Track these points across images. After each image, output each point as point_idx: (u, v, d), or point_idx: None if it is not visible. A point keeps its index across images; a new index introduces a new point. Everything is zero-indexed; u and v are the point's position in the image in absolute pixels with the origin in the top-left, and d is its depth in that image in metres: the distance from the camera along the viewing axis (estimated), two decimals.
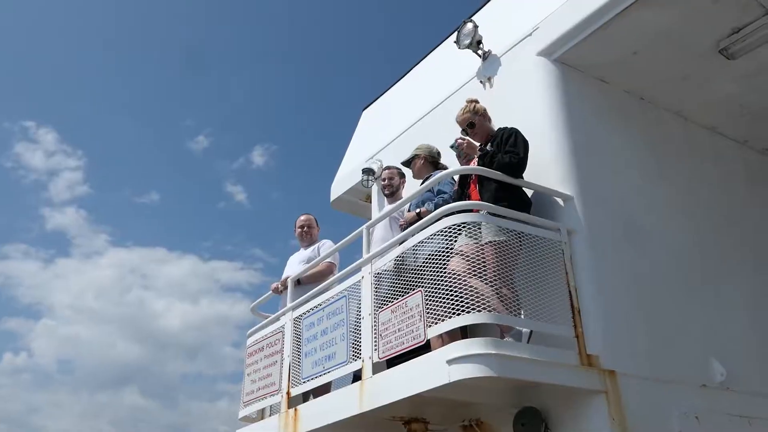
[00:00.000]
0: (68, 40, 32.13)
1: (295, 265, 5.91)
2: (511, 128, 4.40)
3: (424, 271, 3.77)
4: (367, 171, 6.71)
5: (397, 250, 4.18)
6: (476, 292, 3.50)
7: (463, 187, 4.43)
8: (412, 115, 6.49)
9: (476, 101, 4.68)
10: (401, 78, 7.31)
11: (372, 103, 7.88)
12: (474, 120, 4.60)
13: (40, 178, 32.73)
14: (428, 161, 5.09)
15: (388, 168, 5.71)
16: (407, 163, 5.17)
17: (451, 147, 4.45)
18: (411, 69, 7.16)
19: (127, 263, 33.46)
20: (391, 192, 5.59)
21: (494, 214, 3.91)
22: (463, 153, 4.36)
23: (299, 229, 6.20)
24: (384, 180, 5.63)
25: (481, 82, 5.45)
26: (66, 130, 33.37)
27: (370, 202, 7.00)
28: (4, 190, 32.70)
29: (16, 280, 31.61)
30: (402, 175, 5.63)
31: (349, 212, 7.54)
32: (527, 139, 4.31)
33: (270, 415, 4.99)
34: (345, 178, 7.34)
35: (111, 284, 33.29)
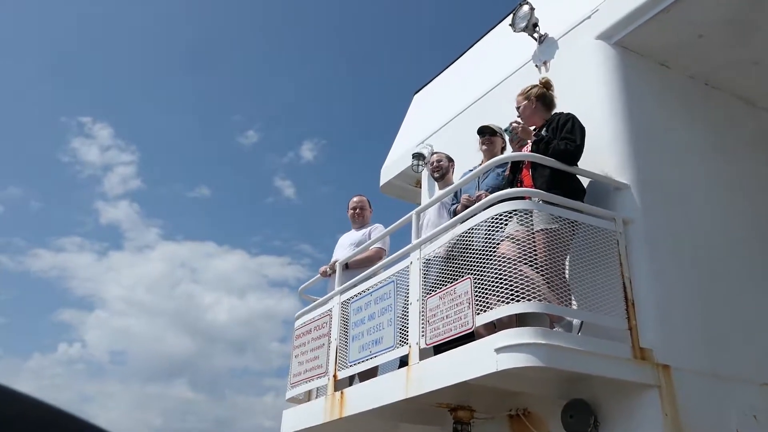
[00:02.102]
0: (125, 37, 33.07)
1: (346, 247, 5.97)
2: (568, 114, 4.36)
3: (474, 257, 3.79)
4: (418, 156, 6.73)
5: (447, 236, 4.20)
6: (527, 280, 3.49)
7: (515, 173, 4.41)
8: (464, 99, 6.47)
9: (541, 86, 4.62)
10: (454, 62, 7.30)
11: (424, 87, 7.88)
12: (519, 104, 4.59)
13: (95, 172, 33.83)
14: (502, 143, 5.12)
15: (436, 153, 5.75)
16: (482, 130, 5.07)
17: (506, 130, 4.44)
18: (464, 53, 7.14)
19: (178, 257, 34.40)
20: (441, 175, 5.62)
21: (547, 202, 3.89)
22: (517, 137, 4.32)
23: (351, 210, 6.24)
24: (432, 164, 5.67)
25: (536, 66, 5.42)
26: (121, 125, 34.39)
27: (420, 187, 7.03)
28: (61, 184, 33.98)
29: (71, 272, 32.72)
30: (450, 160, 5.67)
31: (399, 197, 7.58)
32: (583, 125, 4.27)
33: (317, 397, 5.09)
34: (395, 162, 7.38)
35: (161, 277, 34.34)
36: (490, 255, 3.70)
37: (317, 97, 35.85)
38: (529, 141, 4.38)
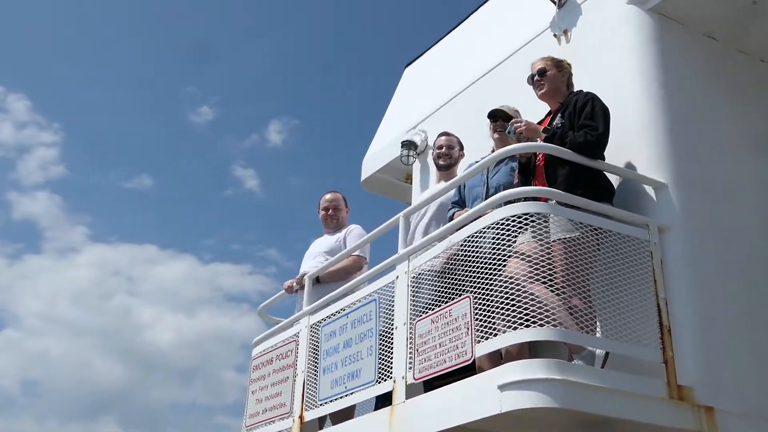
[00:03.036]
0: None
1: (316, 256, 5.98)
2: (587, 94, 4.37)
3: (474, 272, 3.81)
4: (408, 144, 6.71)
5: (442, 246, 4.19)
6: (539, 302, 3.51)
7: (526, 176, 4.41)
8: (465, 75, 6.47)
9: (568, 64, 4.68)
10: (454, 29, 7.31)
11: (417, 58, 7.90)
12: (549, 69, 4.60)
13: (7, 155, 33.05)
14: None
15: (446, 134, 5.67)
16: (494, 115, 5.08)
17: (507, 133, 4.44)
18: (466, 18, 7.16)
19: (110, 263, 33.77)
20: (449, 164, 5.58)
21: (566, 205, 3.91)
22: (522, 139, 4.32)
23: (323, 211, 6.24)
24: (441, 148, 5.60)
25: (555, 35, 5.45)
26: (40, 97, 33.89)
27: (411, 183, 7.02)
28: None
29: None
30: (462, 147, 5.65)
31: (384, 194, 7.63)
32: (608, 107, 4.29)
33: None
34: (380, 152, 7.38)
35: (89, 288, 33.71)
36: (496, 269, 3.71)
37: (288, 66, 35.57)
38: (539, 140, 4.37)
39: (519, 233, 3.79)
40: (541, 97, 4.63)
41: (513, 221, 3.79)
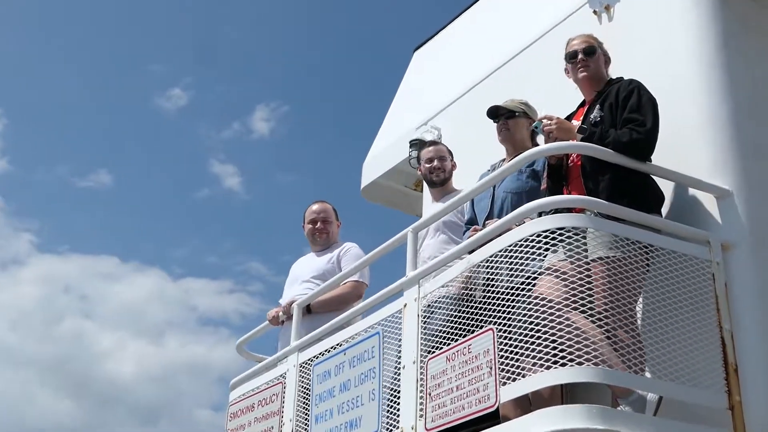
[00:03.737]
0: None
1: (303, 280, 5.98)
2: (631, 81, 4.37)
3: (498, 298, 3.81)
4: (418, 144, 6.72)
5: (459, 267, 4.18)
6: (577, 333, 3.49)
7: (559, 182, 4.39)
8: (486, 61, 6.49)
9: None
10: (471, 5, 7.36)
11: (428, 40, 7.94)
12: (597, 48, 4.63)
13: None
14: (529, 129, 5.12)
15: (432, 143, 5.76)
16: (495, 114, 5.18)
17: (534, 128, 4.45)
18: None
19: (61, 277, 33.91)
20: (443, 180, 5.66)
21: (608, 217, 3.89)
22: (552, 138, 4.29)
23: (310, 225, 6.24)
24: (431, 161, 5.68)
25: (594, 12, 5.45)
26: None
27: (421, 191, 7.03)
28: None
29: None
30: (452, 157, 5.75)
31: (388, 205, 7.68)
32: (656, 99, 4.28)
33: None
34: (384, 153, 7.41)
35: (34, 309, 33.47)
36: (523, 295, 3.72)
37: (277, 42, 35.54)
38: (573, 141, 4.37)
39: (549, 252, 3.79)
40: (581, 81, 4.63)
41: (545, 238, 3.75)
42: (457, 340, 3.94)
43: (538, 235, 3.76)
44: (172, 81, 35.34)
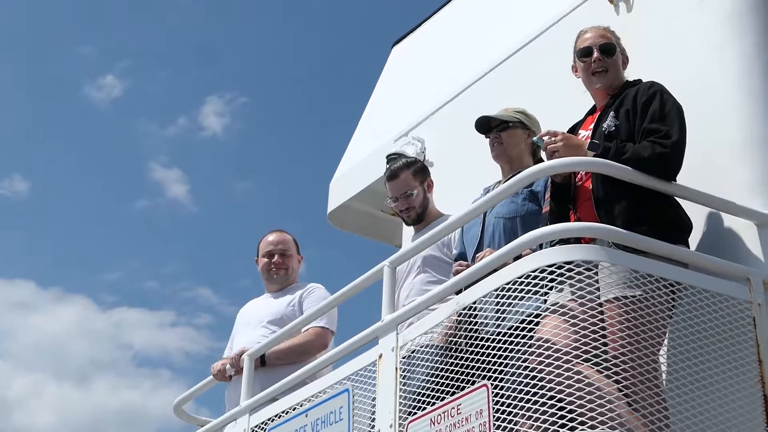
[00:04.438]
0: None
1: (258, 325, 6.01)
2: (651, 84, 4.36)
3: (493, 347, 3.81)
4: (396, 159, 6.56)
5: (444, 310, 4.15)
6: (589, 390, 3.48)
7: (565, 205, 4.36)
8: (480, 59, 6.52)
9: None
10: None
11: (410, 33, 7.99)
12: (617, 47, 4.61)
13: None
14: (528, 142, 5.13)
15: (393, 174, 5.59)
16: (485, 126, 5.17)
17: (535, 142, 4.44)
18: None
19: None
20: (417, 217, 5.58)
21: (625, 248, 3.85)
22: (557, 156, 4.26)
23: (265, 259, 6.27)
24: (396, 200, 5.60)
25: (611, 1, 5.49)
26: None
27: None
28: None
29: None
30: (423, 177, 5.60)
31: (362, 233, 7.72)
32: (682, 106, 4.27)
33: None
34: (356, 170, 7.43)
35: None
36: (523, 343, 3.71)
37: (235, 20, 35.29)
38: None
39: (553, 291, 3.81)
40: (599, 89, 4.59)
41: (549, 274, 3.71)
42: (443, 398, 3.93)
43: (542, 271, 3.71)
44: (105, 66, 35.00)
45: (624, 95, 4.40)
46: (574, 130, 4.61)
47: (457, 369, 3.94)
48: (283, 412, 4.79)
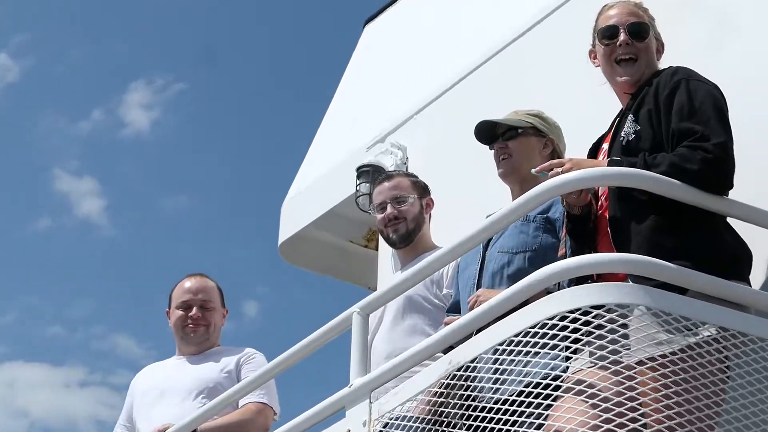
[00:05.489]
0: None
1: (186, 397, 6.04)
2: (674, 71, 4.36)
3: (491, 419, 3.85)
4: (370, 172, 6.80)
5: (430, 373, 4.15)
6: None
7: (585, 242, 4.33)
8: (477, 43, 6.61)
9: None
10: None
11: (386, 9, 8.12)
12: (649, 27, 4.61)
13: None
14: (543, 156, 5.13)
15: (387, 177, 5.76)
16: (489, 134, 5.18)
17: (537, 175, 4.39)
18: None
19: None
20: (406, 234, 5.62)
21: (661, 285, 3.82)
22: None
23: (180, 312, 6.29)
24: (383, 208, 5.69)
25: None
26: None
27: (377, 248, 7.11)
28: None
29: None
30: (423, 191, 5.72)
31: (323, 271, 7.85)
32: (724, 97, 4.31)
33: None
34: (316, 188, 7.51)
35: None
36: (532, 420, 3.73)
37: None
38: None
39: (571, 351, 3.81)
40: (623, 84, 4.60)
41: (571, 322, 3.70)
42: None
43: (561, 318, 3.70)
44: None
45: (644, 91, 4.39)
46: (598, 145, 4.61)
47: None
48: None
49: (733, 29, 5.07)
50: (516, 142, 5.08)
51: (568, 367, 3.83)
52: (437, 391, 4.15)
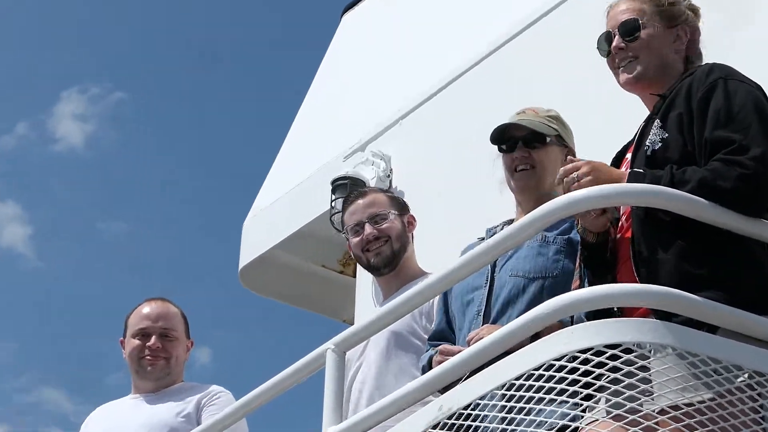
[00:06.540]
0: None
1: None
2: (709, 69, 4.30)
3: None
4: (348, 186, 6.84)
5: (420, 419, 4.08)
6: None
7: (598, 270, 4.29)
8: (473, 36, 6.65)
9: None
10: None
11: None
12: (647, 23, 4.52)
13: None
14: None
15: (360, 195, 5.76)
16: (507, 141, 5.15)
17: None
18: None
19: None
20: (388, 259, 5.65)
21: (687, 322, 3.82)
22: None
23: (137, 341, 6.27)
24: (359, 231, 5.65)
25: None
26: None
27: (355, 274, 7.13)
28: None
29: None
30: (402, 208, 5.75)
31: (291, 301, 7.78)
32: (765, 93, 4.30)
33: None
34: (283, 204, 7.48)
35: None
36: None
37: None
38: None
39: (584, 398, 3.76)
40: (625, 85, 4.59)
41: (581, 364, 3.67)
42: None
43: (572, 359, 3.66)
44: None
45: (675, 93, 4.32)
46: (622, 154, 4.56)
47: None
48: None
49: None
50: (542, 153, 5.06)
51: (577, 416, 3.80)
52: None
